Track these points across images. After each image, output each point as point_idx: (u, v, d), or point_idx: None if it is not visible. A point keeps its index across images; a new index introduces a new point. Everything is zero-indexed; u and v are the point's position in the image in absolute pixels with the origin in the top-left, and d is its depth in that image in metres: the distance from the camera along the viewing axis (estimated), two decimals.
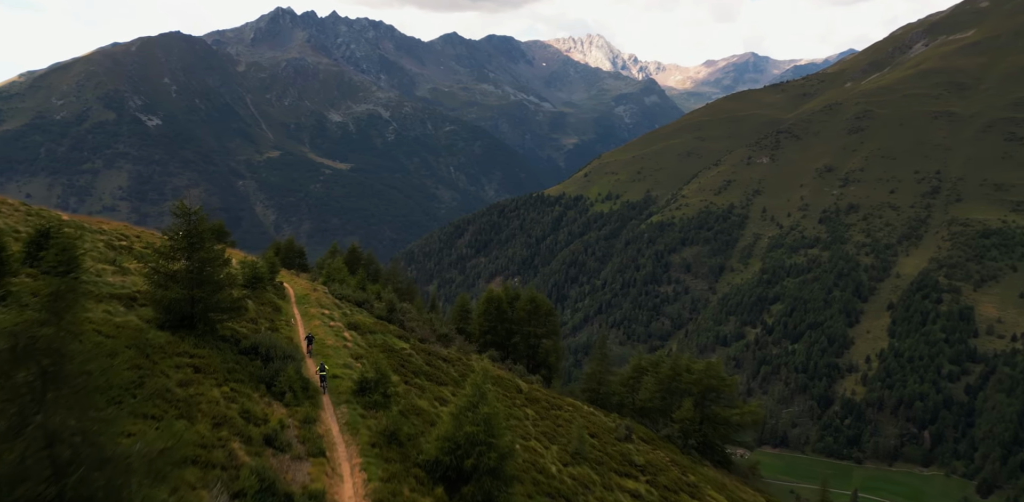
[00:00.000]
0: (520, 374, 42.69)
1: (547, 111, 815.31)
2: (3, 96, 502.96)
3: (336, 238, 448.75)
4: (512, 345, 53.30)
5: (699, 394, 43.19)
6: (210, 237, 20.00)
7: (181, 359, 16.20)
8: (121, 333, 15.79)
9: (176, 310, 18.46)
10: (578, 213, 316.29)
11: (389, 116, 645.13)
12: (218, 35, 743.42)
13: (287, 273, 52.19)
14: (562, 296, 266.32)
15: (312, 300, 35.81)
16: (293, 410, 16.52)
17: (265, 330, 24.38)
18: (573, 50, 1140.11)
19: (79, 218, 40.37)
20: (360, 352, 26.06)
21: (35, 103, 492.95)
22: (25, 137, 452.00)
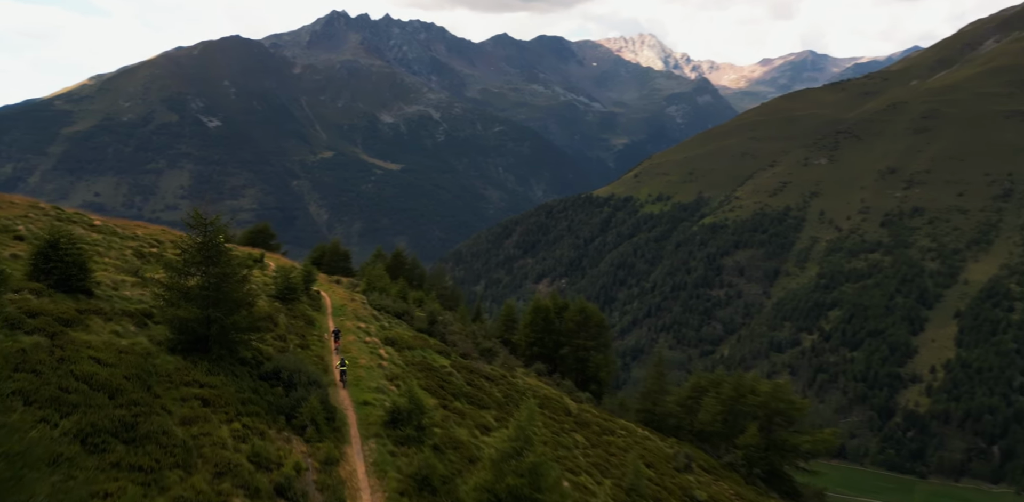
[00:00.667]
0: (568, 391, 40.58)
1: (597, 111, 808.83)
2: (74, 99, 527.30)
3: (386, 238, 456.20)
4: (560, 357, 50.64)
5: (765, 418, 39.58)
6: (228, 250, 18.36)
7: (189, 390, 14.60)
8: (123, 360, 14.09)
9: (189, 331, 16.83)
10: (627, 214, 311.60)
11: (439, 117, 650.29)
12: (275, 38, 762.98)
13: (326, 280, 50.82)
14: (610, 298, 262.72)
15: (349, 312, 34.46)
16: (314, 447, 14.98)
17: (294, 347, 22.82)
18: (624, 50, 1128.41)
19: (116, 222, 39.88)
20: (396, 372, 24.47)
21: (104, 105, 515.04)
22: (94, 138, 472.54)
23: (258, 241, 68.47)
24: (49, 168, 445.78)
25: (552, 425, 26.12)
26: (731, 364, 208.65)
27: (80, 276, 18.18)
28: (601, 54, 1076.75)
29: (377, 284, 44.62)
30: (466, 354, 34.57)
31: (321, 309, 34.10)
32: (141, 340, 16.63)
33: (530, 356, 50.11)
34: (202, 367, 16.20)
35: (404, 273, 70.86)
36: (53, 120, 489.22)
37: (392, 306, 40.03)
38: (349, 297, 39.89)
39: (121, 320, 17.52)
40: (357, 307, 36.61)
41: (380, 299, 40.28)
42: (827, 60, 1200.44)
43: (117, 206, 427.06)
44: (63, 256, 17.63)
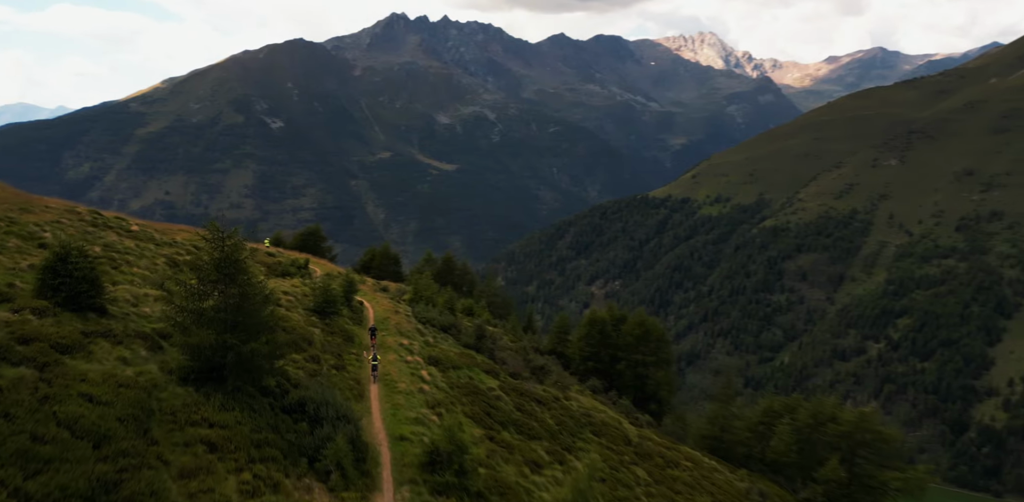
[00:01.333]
0: (626, 411, 38.12)
1: (654, 111, 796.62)
2: (148, 101, 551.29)
3: (440, 237, 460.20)
4: (616, 373, 47.93)
5: (848, 449, 35.62)
6: (248, 267, 16.27)
7: (195, 431, 12.58)
8: (121, 397, 12.11)
9: (203, 359, 14.88)
10: (684, 216, 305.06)
11: (495, 118, 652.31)
12: (337, 41, 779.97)
13: (373, 286, 49.63)
14: (665, 301, 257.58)
15: (392, 326, 33.01)
16: (338, 497, 13.08)
17: (328, 369, 21.22)
18: (684, 48, 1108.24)
19: (159, 226, 39.50)
20: (439, 398, 22.66)
21: (175, 107, 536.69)
22: (166, 139, 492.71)
23: (309, 243, 68.20)
24: (124, 167, 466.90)
25: (610, 457, 23.95)
26: (791, 372, 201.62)
27: (91, 292, 16.68)
28: (659, 53, 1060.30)
29: (424, 293, 42.97)
30: (516, 373, 32.50)
31: (363, 323, 32.70)
32: (150, 368, 14.93)
33: (584, 371, 47.01)
34: (215, 401, 14.37)
35: (454, 279, 69.49)
36: (128, 121, 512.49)
37: (438, 319, 38.38)
38: (393, 308, 38.23)
39: (132, 343, 15.90)
40: (401, 321, 34.90)
41: (426, 311, 38.92)
42: (898, 57, 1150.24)
43: (186, 204, 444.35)
44: (72, 271, 16.15)
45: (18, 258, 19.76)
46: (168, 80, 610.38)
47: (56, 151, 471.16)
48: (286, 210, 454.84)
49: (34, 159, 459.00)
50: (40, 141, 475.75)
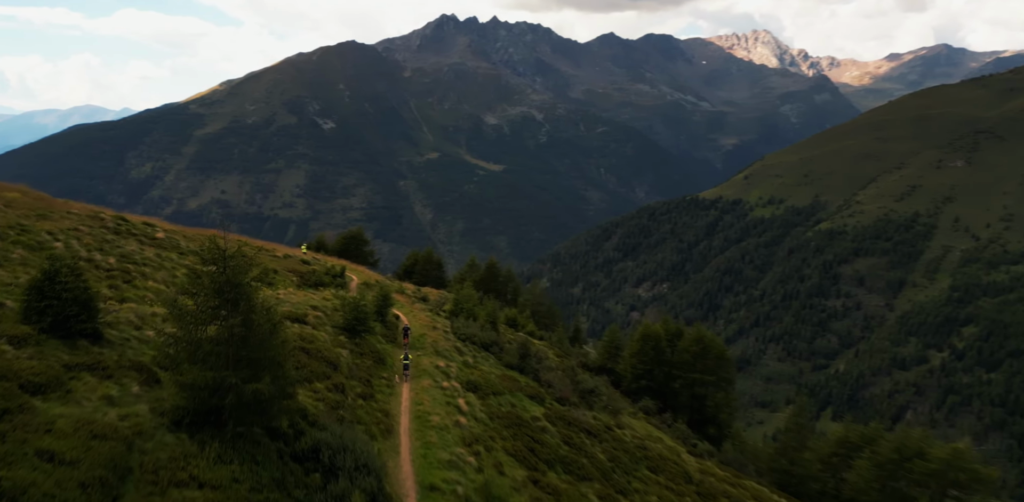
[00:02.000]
0: (683, 437, 35.40)
1: (705, 111, 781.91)
2: (206, 102, 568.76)
3: (486, 237, 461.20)
4: (671, 392, 44.70)
5: (938, 490, 31.90)
6: (254, 290, 13.53)
7: (180, 494, 10.27)
8: (92, 452, 10.04)
9: (198, 401, 12.52)
10: (736, 218, 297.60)
11: (542, 118, 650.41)
12: (388, 43, 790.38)
13: (413, 293, 47.53)
14: (714, 305, 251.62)
15: (428, 343, 30.78)
16: None
17: (353, 399, 19.15)
18: (736, 47, 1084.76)
19: (189, 231, 38.11)
20: (476, 432, 20.48)
21: (232, 108, 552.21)
22: (222, 139, 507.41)
23: (351, 247, 67.85)
24: (183, 167, 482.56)
25: (670, 499, 21.92)
26: (847, 380, 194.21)
27: (82, 316, 14.53)
28: (711, 52, 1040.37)
29: (465, 305, 40.17)
30: (563, 398, 30.06)
31: (397, 340, 30.45)
32: (139, 409, 12.60)
33: (637, 390, 44.09)
34: (211, 452, 11.90)
35: (497, 286, 67.45)
36: (188, 123, 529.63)
37: (479, 335, 35.64)
38: (431, 323, 35.65)
39: (124, 377, 13.53)
40: (438, 338, 32.42)
41: (466, 327, 36.34)
42: (964, 54, 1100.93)
43: (241, 203, 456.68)
44: (61, 291, 14.02)
45: (19, 271, 18.16)
46: (226, 82, 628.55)
47: (120, 151, 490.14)
48: (336, 210, 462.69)
49: (100, 159, 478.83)
50: (105, 141, 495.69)
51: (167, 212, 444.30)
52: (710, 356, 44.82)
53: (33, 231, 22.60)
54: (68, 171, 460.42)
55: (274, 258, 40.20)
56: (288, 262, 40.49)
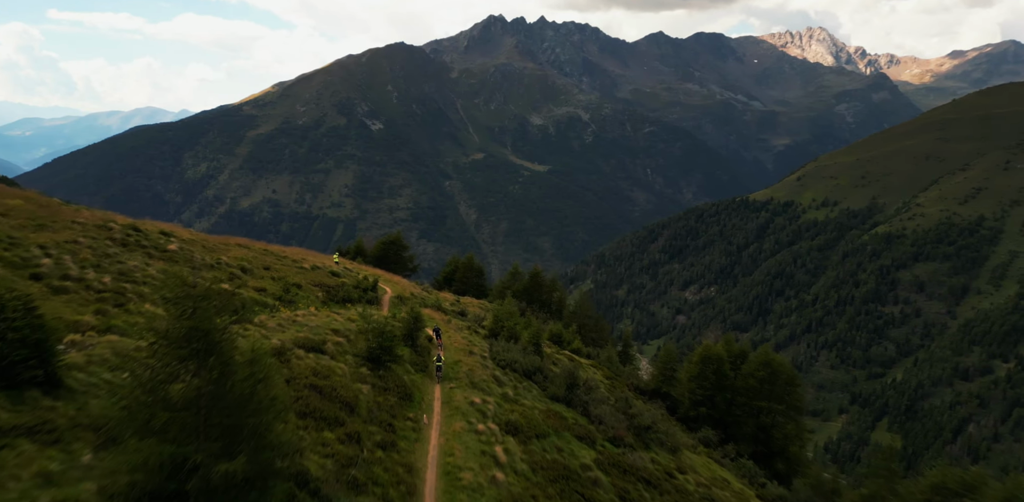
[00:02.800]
0: (749, 475, 32.40)
1: (756, 110, 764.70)
2: (259, 104, 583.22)
3: (530, 238, 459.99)
4: (734, 421, 40.58)
5: None
6: (231, 339, 9.91)
7: None
8: None
9: (153, 483, 8.95)
10: (787, 220, 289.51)
11: (588, 118, 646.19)
12: (435, 44, 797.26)
13: (447, 311, 44.07)
14: (764, 310, 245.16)
15: (462, 373, 26.94)
16: None
17: (371, 449, 16.32)
18: (790, 45, 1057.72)
19: (213, 239, 35.95)
20: (516, 492, 17.42)
21: (283, 110, 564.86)
22: (274, 140, 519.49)
23: (390, 253, 66.73)
24: (236, 167, 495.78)
25: None
26: (905, 390, 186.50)
27: (34, 362, 11.45)
28: (763, 50, 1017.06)
29: (506, 323, 36.41)
30: (617, 437, 26.70)
31: (428, 368, 26.67)
32: (82, 490, 9.32)
33: (695, 418, 40.30)
34: None
35: (541, 296, 64.70)
36: (241, 124, 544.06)
37: (521, 361, 31.61)
38: (467, 347, 31.58)
39: (76, 440, 10.36)
40: (475, 366, 28.61)
41: (506, 350, 32.41)
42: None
43: (291, 203, 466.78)
44: (6, 331, 11.17)
45: None
46: (278, 84, 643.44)
47: (177, 151, 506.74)
48: (383, 209, 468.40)
49: (158, 159, 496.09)
50: (164, 142, 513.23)
51: (220, 211, 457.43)
52: (779, 382, 40.38)
53: (23, 245, 20.07)
54: (129, 171, 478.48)
55: (301, 270, 37.22)
56: (315, 275, 37.49)
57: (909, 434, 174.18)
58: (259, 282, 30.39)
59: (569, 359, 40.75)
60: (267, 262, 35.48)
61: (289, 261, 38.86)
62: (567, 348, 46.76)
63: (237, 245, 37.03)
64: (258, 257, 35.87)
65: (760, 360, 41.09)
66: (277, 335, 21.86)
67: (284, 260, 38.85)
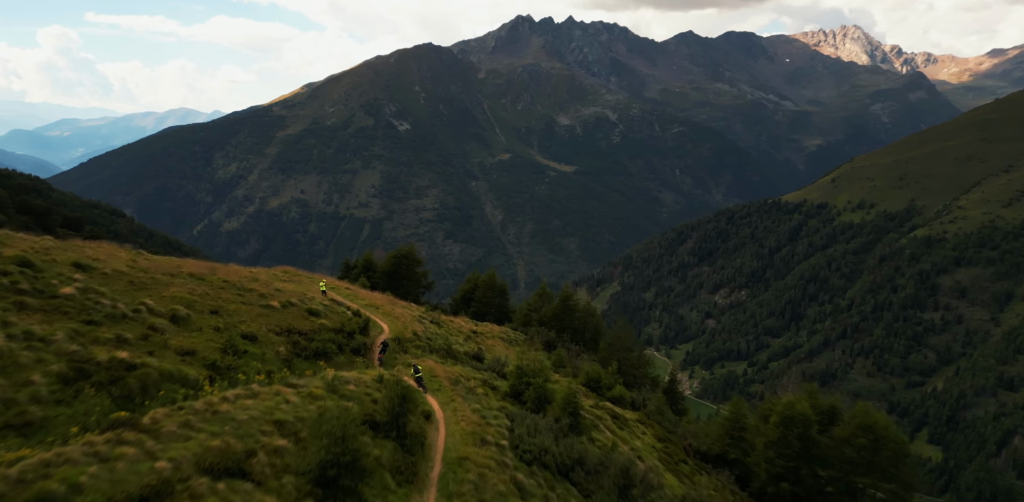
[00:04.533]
0: None
1: (787, 110, 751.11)
2: (289, 105, 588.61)
3: (556, 239, 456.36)
4: (824, 500, 32.58)
5: None
6: None
7: None
8: None
9: None
10: (821, 223, 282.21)
11: (616, 118, 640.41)
12: (463, 45, 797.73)
13: (458, 351, 35.80)
14: (797, 315, 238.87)
15: (469, 480, 18.29)
16: None
17: None
18: (823, 44, 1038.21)
19: (159, 268, 27.80)
20: None
21: (312, 111, 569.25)
22: (302, 140, 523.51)
23: (401, 268, 61.13)
24: (265, 167, 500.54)
25: None
26: (946, 400, 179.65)
27: None
28: (795, 49, 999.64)
29: (533, 380, 27.60)
30: None
31: (419, 473, 17.98)
32: None
33: (774, 496, 32.03)
34: None
35: (574, 323, 56.62)
36: (271, 124, 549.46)
37: (554, 450, 22.56)
38: (479, 429, 21.95)
39: None
40: (488, 462, 19.68)
41: (533, 432, 23.38)
42: None
43: (318, 202, 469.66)
44: None
45: None
46: (307, 85, 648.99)
47: (209, 152, 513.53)
48: (409, 210, 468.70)
49: (190, 159, 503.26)
50: (196, 143, 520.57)
51: (249, 210, 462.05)
52: (883, 452, 31.69)
53: None
54: (161, 171, 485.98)
55: (265, 311, 27.04)
56: (285, 316, 27.36)
57: (950, 446, 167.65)
58: (189, 339, 21.12)
59: (612, 416, 33.30)
60: (220, 301, 25.74)
61: (254, 296, 28.41)
62: (607, 395, 38.95)
63: (190, 275, 27.85)
64: (209, 294, 25.83)
65: (859, 423, 32.24)
66: (172, 450, 12.98)
67: (247, 295, 28.31)
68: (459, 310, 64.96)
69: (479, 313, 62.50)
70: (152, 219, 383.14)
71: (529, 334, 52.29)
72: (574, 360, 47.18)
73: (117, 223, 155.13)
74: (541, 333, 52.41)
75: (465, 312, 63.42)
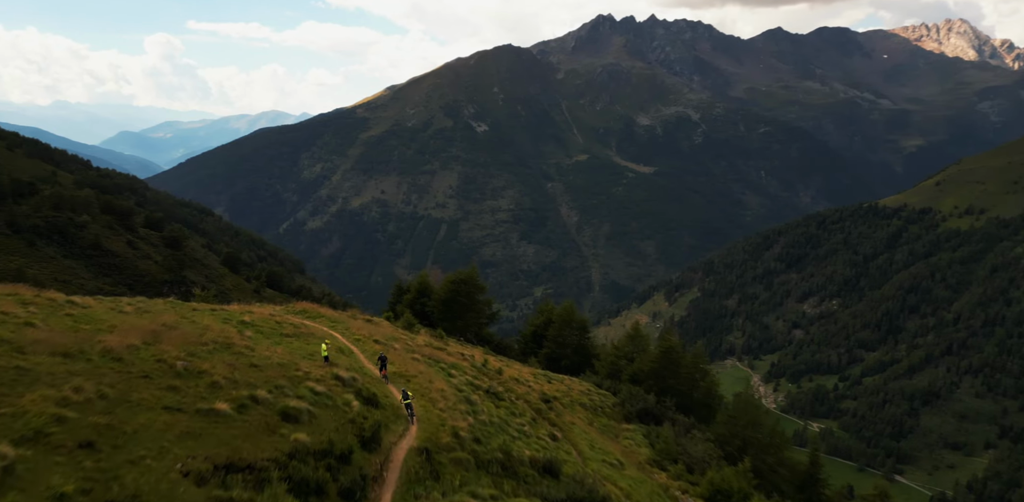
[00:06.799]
0: None
1: (884, 109, 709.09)
2: (372, 107, 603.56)
3: (633, 242, 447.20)
4: None
5: None
6: None
7: None
8: None
9: None
10: (924, 229, 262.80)
11: (699, 118, 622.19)
12: (543, 45, 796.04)
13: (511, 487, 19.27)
14: (895, 327, 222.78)
15: None
16: None
17: None
18: (925, 39, 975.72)
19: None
20: None
21: (394, 113, 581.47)
22: (384, 142, 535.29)
23: (460, 295, 53.21)
24: (348, 168, 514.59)
25: None
26: None
27: None
28: (894, 45, 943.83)
29: None
30: None
31: None
32: None
33: None
34: None
35: (679, 383, 44.32)
36: (354, 126, 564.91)
37: None
38: None
39: None
40: None
41: None
42: None
43: (397, 203, 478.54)
44: None
45: None
46: (390, 87, 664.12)
47: (296, 153, 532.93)
48: (485, 211, 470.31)
49: (278, 159, 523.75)
50: (284, 144, 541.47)
51: (332, 210, 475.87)
52: None
53: None
54: (252, 171, 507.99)
55: (203, 422, 14.90)
56: (239, 428, 15.23)
57: None
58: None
59: None
60: (120, 412, 13.91)
61: (199, 389, 16.42)
62: None
63: (103, 354, 16.81)
64: (108, 395, 14.45)
65: None
66: None
67: (186, 388, 16.25)
68: (528, 351, 56.10)
69: (553, 356, 53.60)
70: (241, 218, 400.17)
71: (620, 396, 41.63)
72: (683, 441, 35.47)
73: (205, 221, 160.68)
74: (635, 396, 41.08)
75: (536, 354, 54.82)
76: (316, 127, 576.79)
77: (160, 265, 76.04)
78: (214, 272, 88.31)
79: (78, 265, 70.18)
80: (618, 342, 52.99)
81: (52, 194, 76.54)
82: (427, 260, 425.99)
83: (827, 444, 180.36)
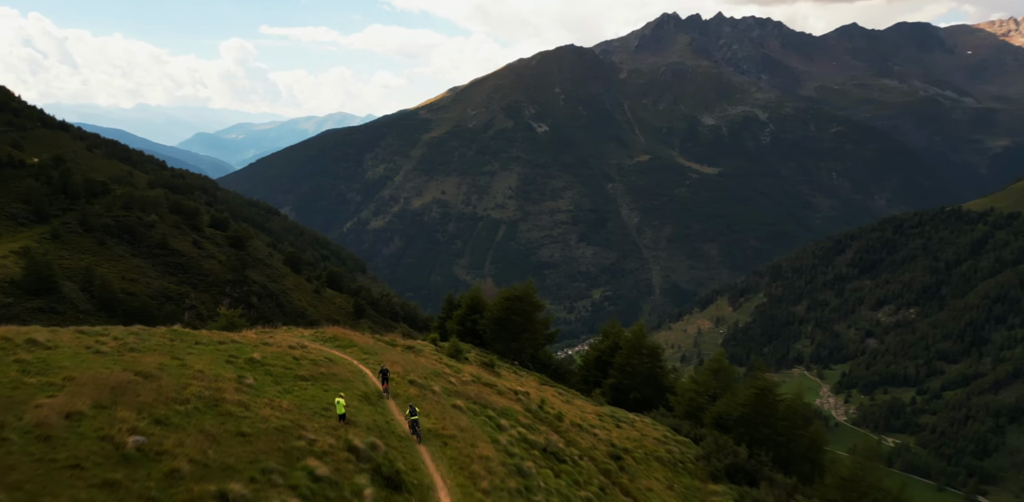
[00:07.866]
0: None
1: (967, 107, 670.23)
2: (434, 108, 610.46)
3: (695, 244, 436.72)
4: None
5: None
6: None
7: None
8: None
9: None
10: (1012, 234, 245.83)
11: (766, 118, 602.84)
12: (605, 45, 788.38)
13: None
14: (980, 339, 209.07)
15: None
16: None
17: None
18: (1014, 33, 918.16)
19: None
20: None
21: (455, 114, 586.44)
22: (445, 143, 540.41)
23: (516, 311, 47.59)
24: (410, 169, 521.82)
25: None
26: None
27: None
28: (979, 40, 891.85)
29: None
30: None
31: None
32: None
33: None
34: None
35: (776, 433, 35.02)
36: (417, 127, 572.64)
37: None
38: None
39: None
40: None
41: None
42: None
43: (458, 203, 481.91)
44: None
45: None
46: (452, 89, 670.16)
47: (360, 153, 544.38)
48: (544, 212, 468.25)
49: (343, 160, 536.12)
50: (350, 145, 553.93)
51: (394, 210, 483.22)
52: None
53: None
54: (318, 171, 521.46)
55: None
56: None
57: None
58: None
59: None
60: None
61: (146, 485, 11.99)
62: None
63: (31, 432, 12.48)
64: None
65: None
66: None
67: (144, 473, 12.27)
68: (591, 378, 50.04)
69: (620, 387, 47.69)
70: (307, 217, 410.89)
71: (703, 446, 34.61)
72: None
73: (271, 221, 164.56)
74: (723, 447, 33.27)
75: (600, 383, 48.82)
76: (380, 128, 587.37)
77: (223, 265, 77.29)
78: (276, 272, 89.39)
79: (145, 264, 71.92)
80: (698, 375, 45.41)
81: (123, 194, 78.95)
82: (486, 261, 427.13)
83: (903, 460, 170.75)
